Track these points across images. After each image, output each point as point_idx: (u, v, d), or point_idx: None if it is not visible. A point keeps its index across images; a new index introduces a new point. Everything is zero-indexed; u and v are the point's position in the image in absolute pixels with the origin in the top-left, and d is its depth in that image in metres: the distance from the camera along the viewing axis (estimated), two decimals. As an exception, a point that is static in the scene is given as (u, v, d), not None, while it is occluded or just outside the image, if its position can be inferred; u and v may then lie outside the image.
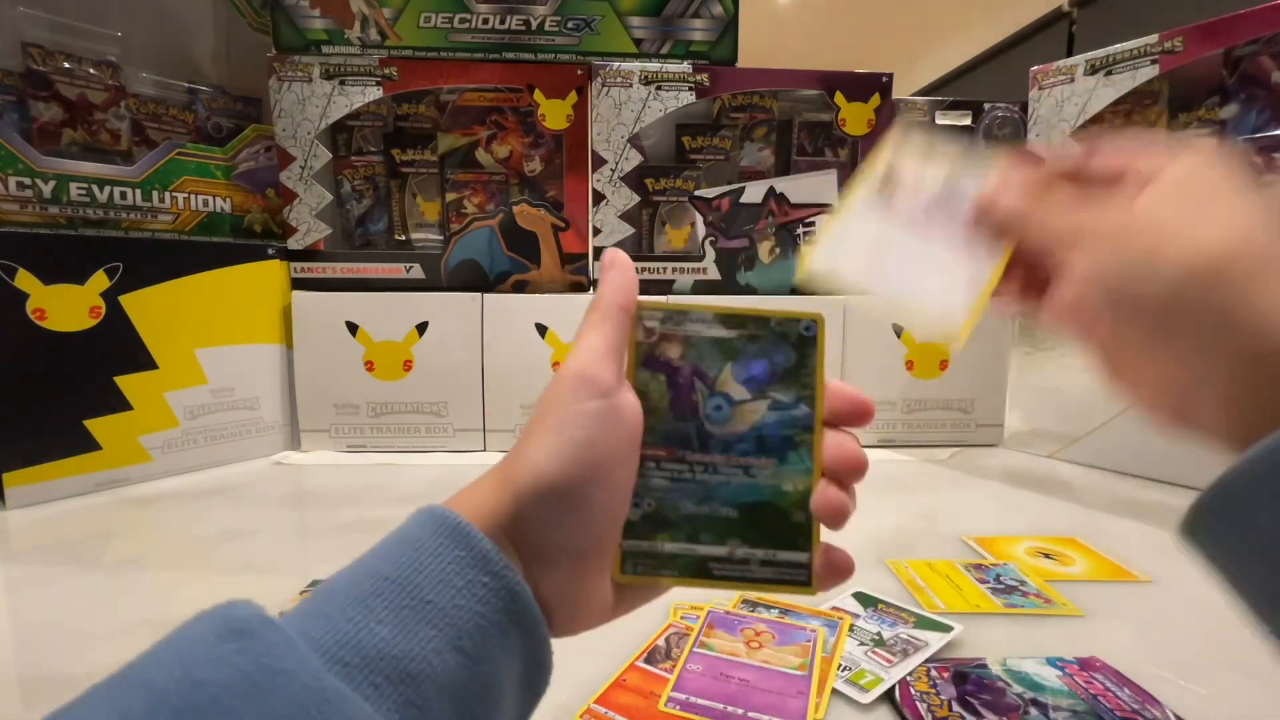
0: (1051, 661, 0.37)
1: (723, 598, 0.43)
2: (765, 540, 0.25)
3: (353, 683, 0.17)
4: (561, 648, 0.24)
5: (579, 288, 0.85)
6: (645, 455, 0.25)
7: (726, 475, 0.25)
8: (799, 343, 0.25)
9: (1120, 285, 0.23)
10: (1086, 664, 0.37)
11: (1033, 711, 0.33)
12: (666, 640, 0.38)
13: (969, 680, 0.35)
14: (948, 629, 0.40)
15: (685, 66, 0.81)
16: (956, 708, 0.33)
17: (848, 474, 0.25)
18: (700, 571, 0.25)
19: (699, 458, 0.25)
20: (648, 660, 0.37)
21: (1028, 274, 0.29)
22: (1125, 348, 0.24)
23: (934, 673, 0.36)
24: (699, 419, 0.25)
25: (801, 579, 0.24)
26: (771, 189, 0.84)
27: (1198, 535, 0.22)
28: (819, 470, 0.25)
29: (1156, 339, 0.22)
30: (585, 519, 0.22)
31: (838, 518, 0.24)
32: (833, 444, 0.25)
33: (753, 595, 0.44)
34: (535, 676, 0.22)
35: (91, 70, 0.73)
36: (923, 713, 0.32)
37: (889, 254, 0.30)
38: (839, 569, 0.25)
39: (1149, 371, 0.24)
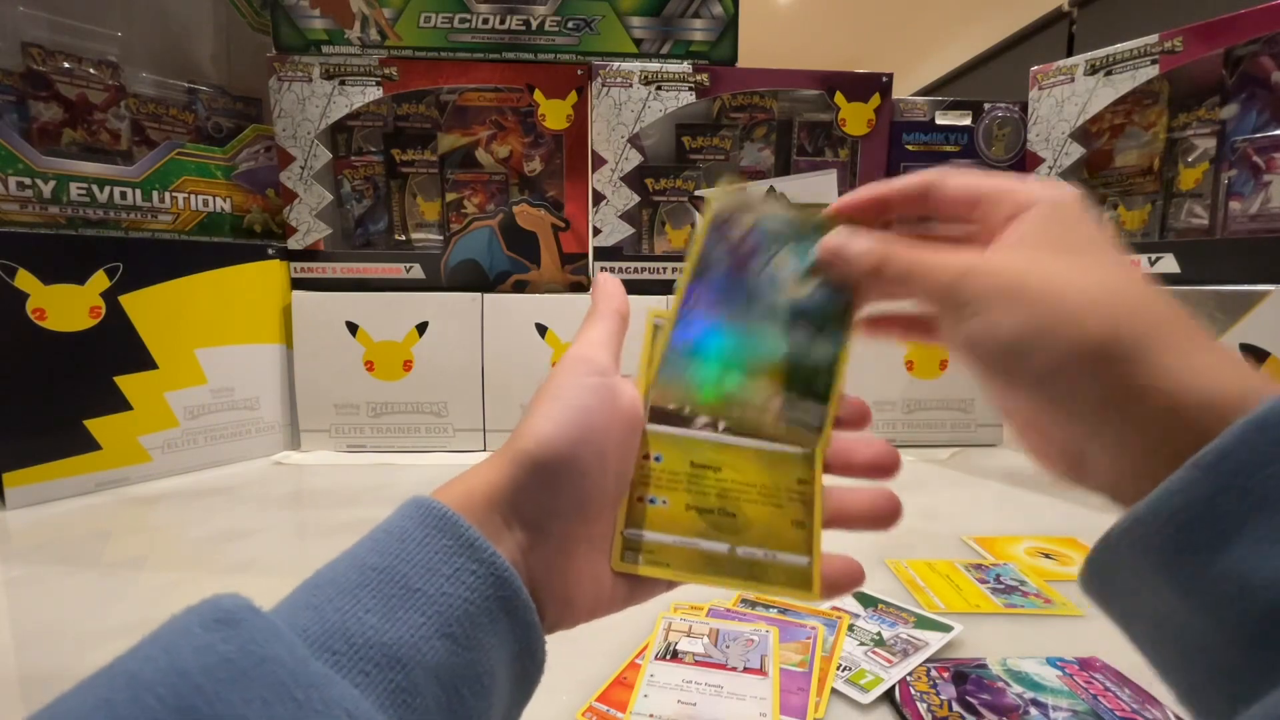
0: (1051, 661, 0.37)
1: (723, 596, 0.43)
2: (791, 388, 0.26)
3: (341, 669, 0.17)
4: (563, 647, 0.24)
5: (579, 288, 0.85)
6: (695, 302, 0.28)
7: (767, 334, 0.27)
8: None
9: (1010, 352, 0.21)
10: (1086, 664, 0.37)
11: (1033, 711, 0.33)
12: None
13: (969, 680, 0.35)
14: (948, 629, 0.40)
15: (685, 66, 0.81)
16: (956, 708, 0.33)
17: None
18: (722, 398, 0.26)
19: (745, 314, 0.27)
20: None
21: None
22: (1012, 405, 0.24)
23: (934, 673, 0.36)
24: (749, 284, 0.28)
25: (814, 424, 0.26)
26: (771, 189, 0.84)
27: (1090, 593, 0.22)
28: (849, 344, 0.27)
29: (1048, 402, 0.21)
30: (575, 484, 0.23)
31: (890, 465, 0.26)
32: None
33: (752, 595, 0.44)
34: (527, 664, 0.22)
35: (91, 70, 0.73)
36: (923, 713, 0.32)
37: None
38: (849, 576, 0.26)
39: (1036, 427, 0.23)
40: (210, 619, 0.16)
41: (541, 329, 0.82)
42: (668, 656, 0.37)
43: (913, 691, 0.34)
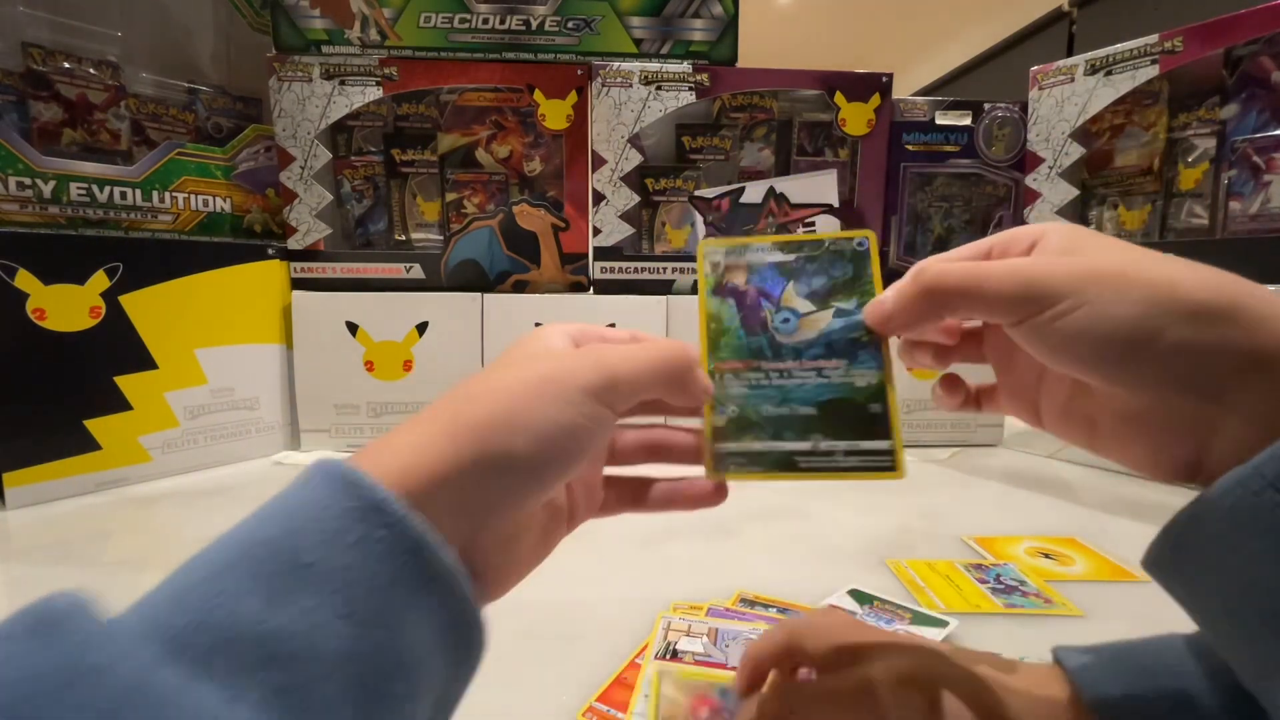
0: (1051, 661, 0.37)
1: (722, 596, 0.43)
2: (846, 432, 0.25)
3: (200, 671, 0.14)
4: (563, 647, 0.24)
5: (579, 288, 0.85)
6: (723, 370, 0.27)
7: (801, 379, 0.26)
8: (854, 257, 0.27)
9: (1137, 333, 0.20)
10: (1086, 663, 0.37)
11: (1032, 711, 0.33)
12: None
13: (968, 680, 0.35)
14: (943, 624, 0.40)
15: (685, 66, 0.81)
16: (956, 707, 0.33)
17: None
18: (788, 465, 0.26)
19: (773, 365, 0.27)
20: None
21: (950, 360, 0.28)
22: (1128, 402, 0.22)
23: (933, 672, 0.36)
24: (769, 332, 0.27)
25: (886, 465, 0.25)
26: (771, 189, 0.84)
27: (1160, 566, 0.21)
28: (890, 365, 0.26)
29: (1179, 382, 0.20)
30: (533, 494, 0.21)
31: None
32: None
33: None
34: (462, 634, 0.19)
35: (91, 70, 0.73)
36: (922, 712, 0.32)
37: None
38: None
39: (1158, 422, 0.22)
40: (35, 622, 0.14)
41: (541, 329, 0.82)
42: (667, 656, 0.37)
43: (912, 691, 0.34)
